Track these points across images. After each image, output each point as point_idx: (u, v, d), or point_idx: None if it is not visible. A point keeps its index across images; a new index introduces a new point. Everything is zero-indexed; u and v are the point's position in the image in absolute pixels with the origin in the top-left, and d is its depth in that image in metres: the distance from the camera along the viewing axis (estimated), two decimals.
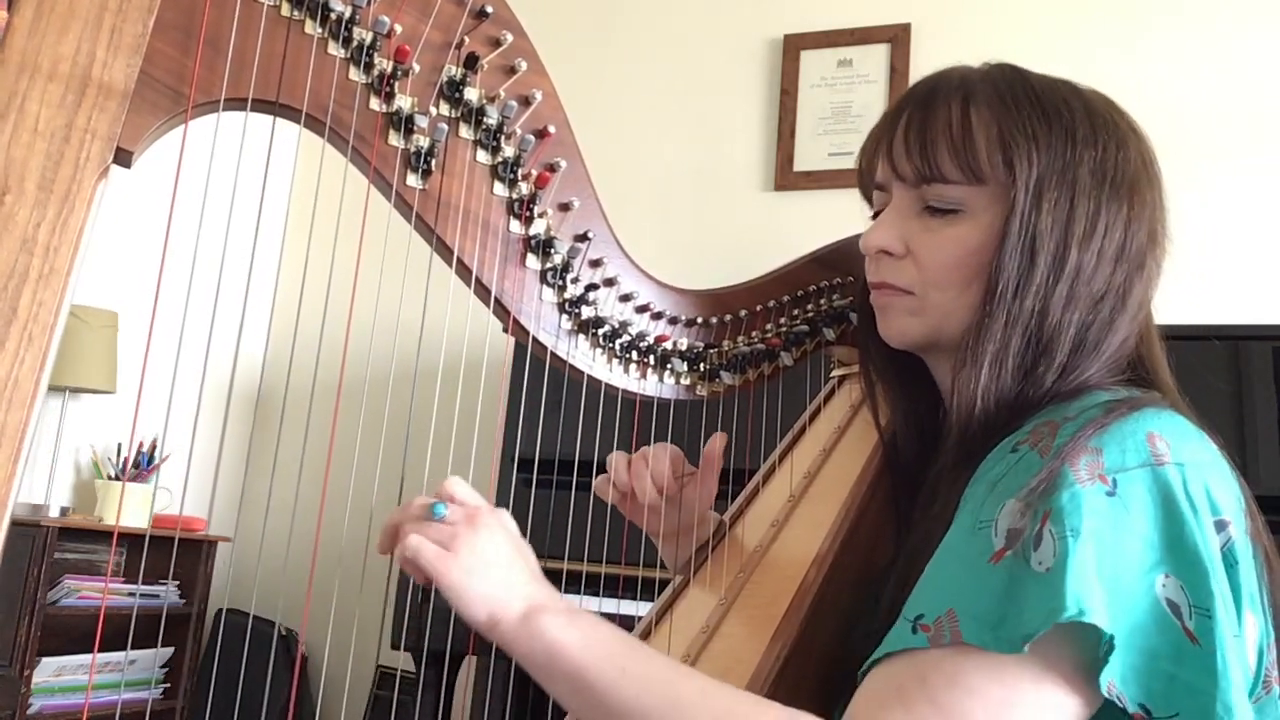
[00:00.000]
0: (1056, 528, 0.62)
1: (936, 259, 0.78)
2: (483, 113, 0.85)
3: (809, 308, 1.00)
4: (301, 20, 0.78)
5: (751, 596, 0.89)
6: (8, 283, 0.66)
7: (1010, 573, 0.63)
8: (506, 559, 0.70)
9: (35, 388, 0.67)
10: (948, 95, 0.78)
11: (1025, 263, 0.74)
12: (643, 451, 0.99)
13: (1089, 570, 0.61)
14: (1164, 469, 0.64)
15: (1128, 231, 0.75)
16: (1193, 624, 0.61)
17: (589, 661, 0.66)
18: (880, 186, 0.84)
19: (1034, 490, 0.64)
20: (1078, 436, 0.66)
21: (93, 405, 2.62)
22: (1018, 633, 0.61)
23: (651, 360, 0.93)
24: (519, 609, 0.68)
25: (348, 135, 0.80)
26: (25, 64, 0.68)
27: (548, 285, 0.88)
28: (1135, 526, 0.63)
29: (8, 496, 0.66)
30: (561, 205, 0.88)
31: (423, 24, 0.83)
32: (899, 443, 0.91)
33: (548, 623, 0.67)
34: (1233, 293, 2.24)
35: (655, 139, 2.83)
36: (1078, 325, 0.74)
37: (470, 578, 0.68)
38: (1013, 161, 0.75)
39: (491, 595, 0.68)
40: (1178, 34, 2.47)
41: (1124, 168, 0.76)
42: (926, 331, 0.81)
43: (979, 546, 0.66)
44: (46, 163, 0.68)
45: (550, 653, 0.67)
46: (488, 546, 0.69)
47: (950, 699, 0.61)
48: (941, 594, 0.66)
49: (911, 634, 0.65)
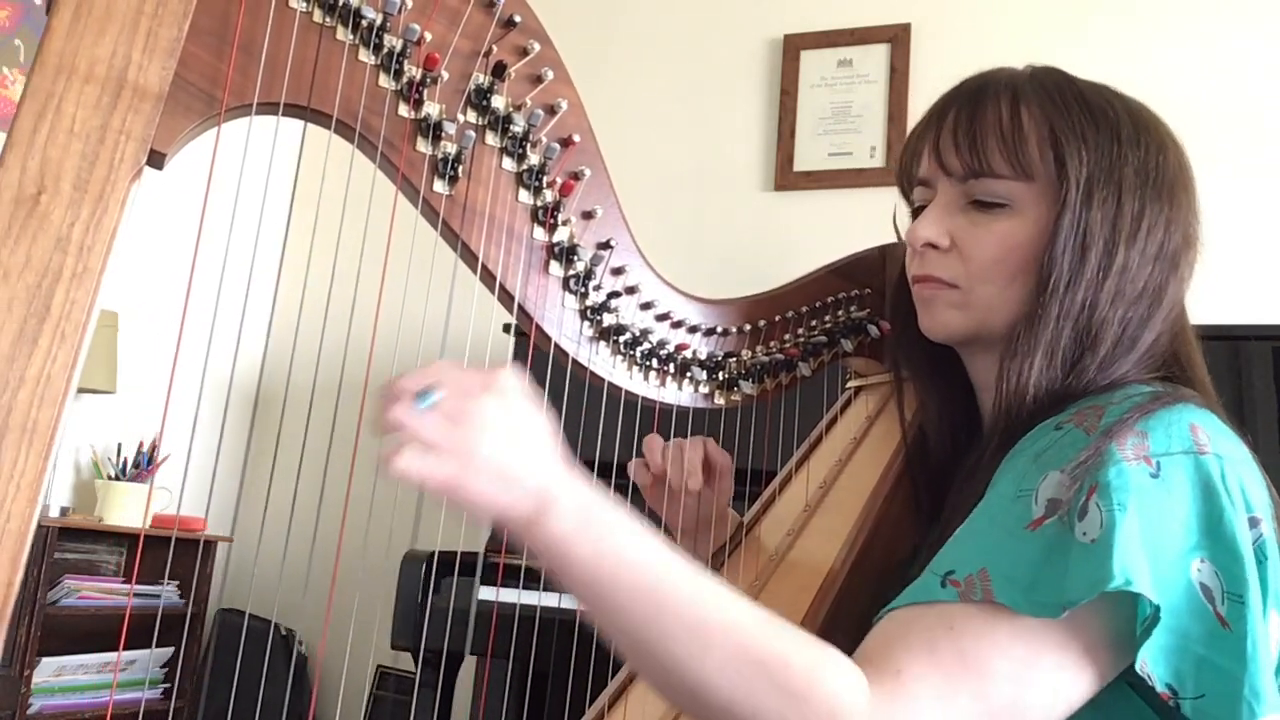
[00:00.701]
0: (1104, 501, 0.63)
1: (983, 253, 0.80)
2: (509, 120, 0.86)
3: (827, 319, 1.01)
4: (333, 27, 0.79)
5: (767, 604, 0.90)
6: (42, 281, 0.67)
7: (1050, 540, 0.64)
8: (519, 438, 0.61)
9: (67, 385, 0.68)
10: (997, 93, 0.80)
11: (1077, 258, 0.76)
12: (679, 441, 1.00)
13: (1135, 544, 0.62)
14: (1205, 458, 0.66)
15: (1167, 232, 0.78)
16: (1225, 609, 0.63)
17: (602, 576, 0.61)
18: (924, 182, 0.85)
19: (1081, 464, 0.66)
20: (1125, 419, 0.68)
21: (93, 405, 2.61)
22: (1055, 599, 0.62)
23: (671, 368, 0.94)
24: (529, 507, 0.61)
25: (377, 141, 0.80)
26: (62, 66, 0.69)
27: (570, 292, 0.89)
28: (1175, 510, 0.64)
29: (39, 492, 0.67)
30: (585, 213, 0.89)
31: (452, 32, 0.83)
32: (932, 437, 0.92)
33: (557, 528, 0.61)
34: (1233, 293, 2.24)
35: (655, 139, 2.83)
36: (1121, 320, 0.76)
37: (474, 480, 0.59)
38: (1064, 158, 0.77)
39: (497, 495, 0.60)
40: (1178, 34, 2.48)
41: (1164, 170, 0.78)
42: (970, 325, 0.82)
43: (1018, 513, 0.67)
44: (82, 163, 0.69)
45: (560, 560, 0.61)
46: (499, 429, 0.60)
47: (977, 650, 0.63)
48: (975, 553, 0.67)
49: (940, 588, 0.66)
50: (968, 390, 0.88)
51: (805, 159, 2.71)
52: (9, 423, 0.65)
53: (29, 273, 0.66)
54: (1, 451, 0.64)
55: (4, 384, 0.65)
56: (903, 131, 2.58)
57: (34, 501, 0.67)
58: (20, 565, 0.66)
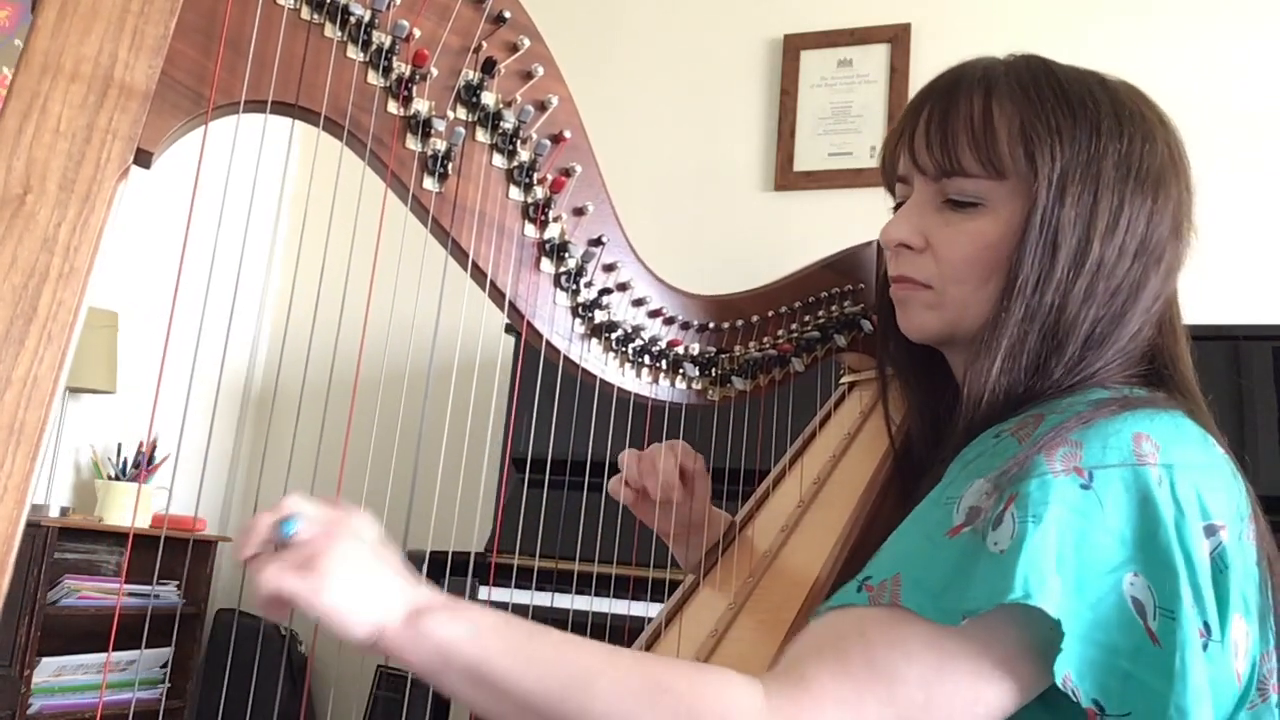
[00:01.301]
0: (1019, 512, 0.63)
1: (955, 253, 0.78)
2: (499, 117, 0.85)
3: (820, 314, 1.00)
4: (321, 24, 0.79)
5: (761, 601, 0.90)
6: (28, 281, 0.67)
7: (964, 549, 0.64)
8: (375, 565, 0.64)
9: (54, 386, 0.67)
10: (970, 88, 0.78)
11: (1046, 257, 0.74)
12: (650, 450, 0.99)
13: (1046, 557, 0.61)
14: (1145, 469, 0.64)
15: (1149, 225, 0.75)
16: (1156, 624, 0.61)
17: (482, 652, 0.62)
18: (903, 179, 0.84)
19: (1005, 474, 0.65)
20: (1060, 428, 0.66)
21: (93, 405, 2.62)
22: (958, 606, 0.61)
23: (664, 365, 0.93)
24: (400, 614, 0.63)
25: (366, 138, 0.80)
26: (48, 64, 0.69)
27: (561, 289, 0.89)
28: (1108, 522, 0.63)
29: (26, 493, 0.67)
30: (576, 210, 0.89)
31: (441, 28, 0.83)
32: (913, 437, 0.91)
33: (433, 622, 0.63)
34: (1233, 293, 2.24)
35: (655, 139, 2.83)
36: (1093, 320, 0.74)
37: (342, 598, 0.61)
38: (1034, 155, 0.75)
39: (370, 608, 0.62)
40: (1178, 33, 2.48)
41: (1149, 160, 0.76)
42: (944, 325, 0.81)
43: (938, 519, 0.67)
44: (68, 163, 0.68)
45: (442, 652, 0.62)
46: (353, 559, 0.63)
47: (886, 658, 0.62)
48: (894, 560, 0.67)
49: (856, 592, 0.66)
50: (953, 388, 0.88)
51: (805, 159, 2.71)
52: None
53: (15, 273, 0.66)
54: None
55: None
56: None
57: (22, 504, 0.67)
58: (8, 568, 0.65)
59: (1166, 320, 0.79)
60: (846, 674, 0.62)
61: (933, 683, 0.62)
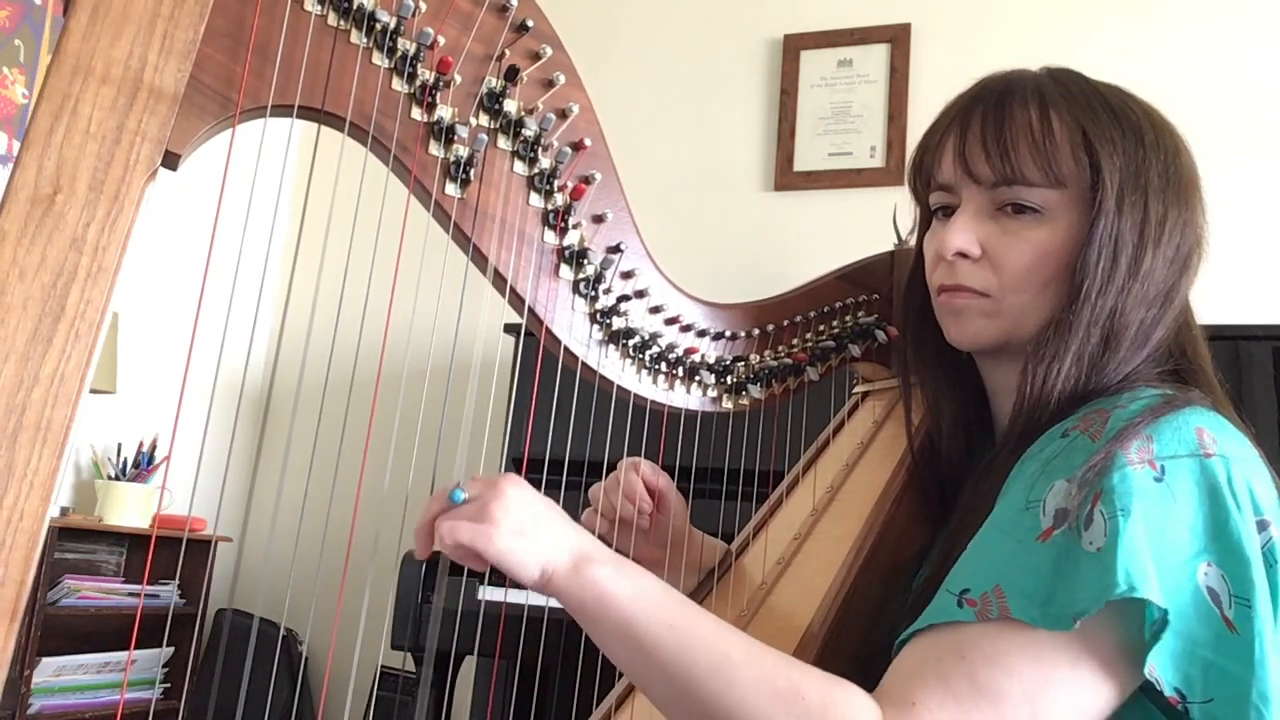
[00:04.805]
0: (1107, 508, 0.64)
1: (1016, 262, 0.79)
2: (521, 124, 0.86)
3: (835, 324, 1.01)
4: (347, 30, 0.79)
5: (772, 610, 0.90)
6: (57, 280, 0.67)
7: (1059, 551, 0.65)
8: (542, 513, 0.69)
9: (80, 385, 0.68)
10: (1024, 97, 0.79)
11: (1109, 264, 0.76)
12: (612, 477, 0.99)
13: (1140, 548, 0.62)
14: (1210, 460, 0.66)
15: (1183, 234, 0.78)
16: (1232, 613, 0.63)
17: (638, 613, 0.66)
18: (946, 187, 0.84)
19: (1088, 471, 0.66)
20: (1134, 422, 0.68)
21: (93, 405, 2.61)
22: (1068, 610, 0.62)
23: (680, 372, 0.94)
24: (568, 559, 0.67)
25: (390, 144, 0.81)
26: (79, 67, 0.69)
27: (580, 296, 0.89)
28: (1181, 513, 0.64)
29: (51, 490, 0.67)
30: (595, 217, 0.90)
31: (465, 36, 0.84)
32: (945, 442, 0.92)
33: (598, 572, 0.67)
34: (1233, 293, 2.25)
35: (655, 139, 2.83)
36: (1139, 322, 0.77)
37: (514, 539, 0.66)
38: (1100, 165, 0.77)
39: (539, 551, 0.67)
40: (1177, 33, 2.49)
41: (1181, 173, 0.79)
42: (1000, 333, 0.82)
43: (1027, 524, 0.67)
44: (97, 164, 0.69)
45: (602, 602, 0.66)
46: (519, 506, 0.68)
47: (989, 677, 0.63)
48: (988, 570, 0.67)
49: (957, 607, 0.66)
50: (979, 393, 0.88)
51: (805, 159, 2.71)
52: (23, 421, 0.65)
53: (44, 272, 0.67)
54: (15, 450, 0.65)
55: (19, 382, 0.65)
56: (902, 131, 2.58)
57: (47, 500, 0.67)
58: (33, 564, 0.66)
59: (1185, 321, 0.81)
60: (950, 695, 0.63)
61: (1037, 696, 0.63)
